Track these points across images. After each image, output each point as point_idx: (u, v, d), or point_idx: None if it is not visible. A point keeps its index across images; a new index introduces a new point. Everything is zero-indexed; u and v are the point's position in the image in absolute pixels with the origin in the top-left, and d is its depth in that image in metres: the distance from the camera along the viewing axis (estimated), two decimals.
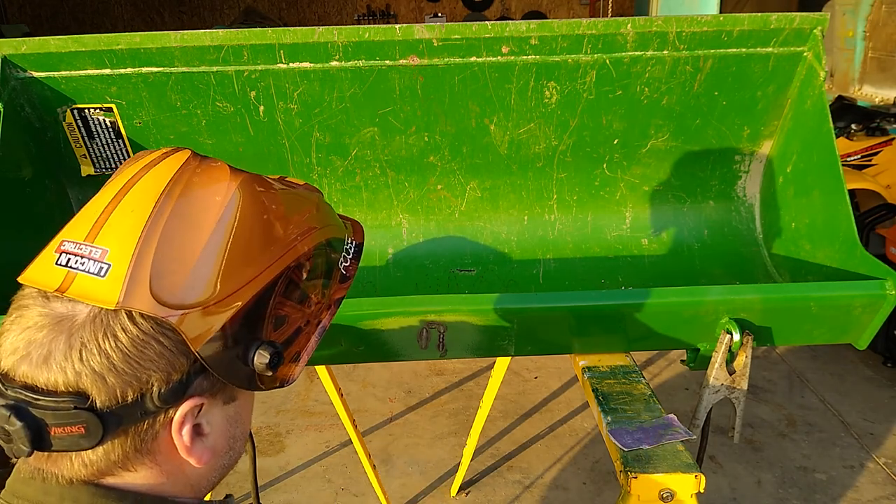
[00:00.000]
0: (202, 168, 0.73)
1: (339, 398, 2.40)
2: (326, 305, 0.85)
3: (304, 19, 10.83)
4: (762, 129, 1.66)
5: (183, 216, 0.68)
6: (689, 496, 1.06)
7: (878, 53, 4.99)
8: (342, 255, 0.88)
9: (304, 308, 0.79)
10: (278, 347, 0.73)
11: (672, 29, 1.45)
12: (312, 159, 1.67)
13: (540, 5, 10.85)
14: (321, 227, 0.83)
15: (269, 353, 0.71)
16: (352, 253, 0.90)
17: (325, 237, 0.83)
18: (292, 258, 0.76)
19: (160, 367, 0.64)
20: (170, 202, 0.68)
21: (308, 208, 0.83)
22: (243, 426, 0.80)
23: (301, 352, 0.81)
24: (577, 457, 2.96)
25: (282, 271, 0.74)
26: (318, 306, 0.83)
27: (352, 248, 0.91)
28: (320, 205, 0.87)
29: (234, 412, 0.76)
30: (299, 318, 0.78)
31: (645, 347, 1.36)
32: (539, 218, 1.79)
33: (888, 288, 1.24)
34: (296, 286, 0.77)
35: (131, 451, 0.66)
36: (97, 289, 0.63)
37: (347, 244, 0.90)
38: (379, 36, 1.43)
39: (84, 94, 1.49)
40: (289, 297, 0.76)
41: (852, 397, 3.31)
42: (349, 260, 0.89)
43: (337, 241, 0.87)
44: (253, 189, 0.74)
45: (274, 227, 0.75)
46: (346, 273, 0.88)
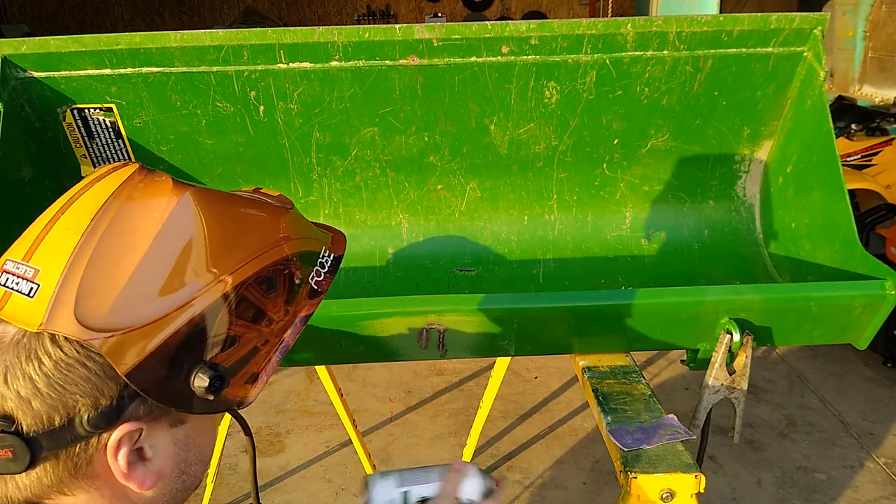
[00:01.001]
0: (144, 183, 0.69)
1: (339, 398, 2.40)
2: (290, 323, 0.80)
3: (304, 19, 10.83)
4: (762, 129, 1.66)
5: (117, 234, 0.65)
6: (689, 496, 1.06)
7: (878, 53, 4.99)
8: (314, 270, 0.83)
9: (261, 327, 0.75)
10: (221, 370, 0.69)
11: (672, 29, 1.45)
12: (312, 159, 1.67)
13: (540, 5, 10.85)
14: (287, 241, 0.78)
15: (208, 377, 0.68)
16: (327, 266, 0.85)
17: (293, 251, 0.79)
18: (245, 275, 0.72)
19: (86, 392, 0.62)
20: (105, 219, 0.65)
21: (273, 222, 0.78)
22: (199, 449, 0.77)
23: (259, 372, 0.77)
24: (577, 457, 2.96)
25: (231, 290, 0.70)
26: (280, 324, 0.78)
27: (328, 261, 0.86)
28: (291, 217, 0.82)
29: (183, 435, 0.73)
30: (254, 337, 0.75)
31: (645, 347, 1.36)
32: (539, 218, 1.79)
33: (888, 288, 1.24)
34: (250, 305, 0.73)
35: (65, 476, 0.65)
36: (25, 310, 0.62)
37: (322, 257, 0.85)
38: (379, 36, 1.43)
39: (84, 94, 1.49)
40: (240, 316, 0.72)
41: (852, 397, 3.31)
42: (323, 274, 0.85)
43: (308, 255, 0.83)
44: (198, 204, 0.70)
45: (222, 243, 0.71)
46: (316, 288, 0.84)
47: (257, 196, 0.83)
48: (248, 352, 0.74)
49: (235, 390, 0.74)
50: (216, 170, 1.65)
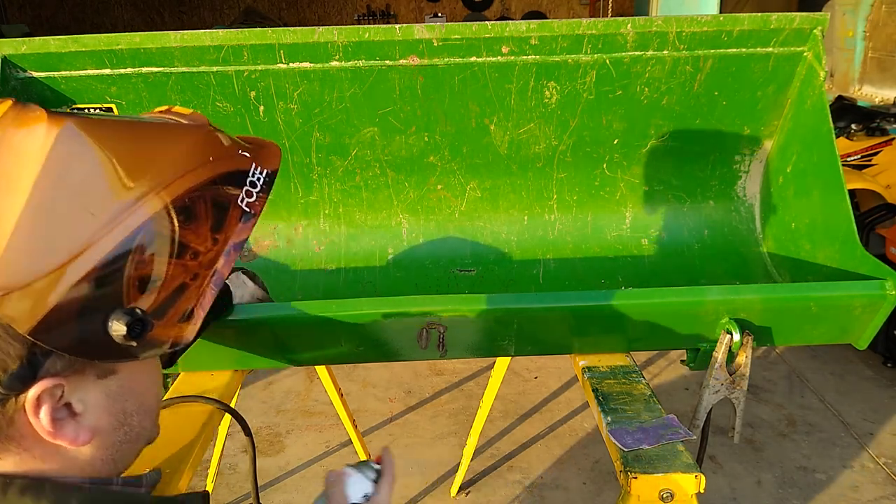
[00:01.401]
0: (16, 121, 0.61)
1: (339, 398, 2.40)
2: (221, 251, 0.73)
3: (304, 19, 10.83)
4: (762, 129, 1.66)
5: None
6: (689, 496, 1.06)
7: (878, 53, 4.99)
8: (244, 190, 0.75)
9: (185, 261, 0.69)
10: (139, 315, 0.64)
11: (672, 29, 1.45)
12: (312, 159, 1.67)
13: (540, 5, 10.85)
14: (205, 163, 0.71)
15: (125, 323, 0.63)
16: (259, 185, 0.77)
17: (211, 174, 0.71)
18: (154, 209, 0.65)
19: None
20: None
21: (186, 144, 0.71)
22: (138, 398, 0.72)
23: (194, 307, 0.71)
24: (577, 457, 2.96)
25: (139, 227, 0.63)
26: (209, 255, 0.72)
27: (259, 179, 0.77)
28: (207, 137, 0.74)
29: (117, 386, 0.69)
30: (179, 273, 0.68)
31: (645, 347, 1.36)
32: (539, 218, 1.79)
33: (888, 288, 1.24)
34: (167, 239, 0.66)
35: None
36: None
37: (253, 175, 0.77)
38: (379, 36, 1.43)
39: (84, 94, 1.49)
40: (157, 252, 0.66)
41: (852, 397, 3.30)
42: (255, 194, 0.76)
43: (234, 175, 0.75)
44: (84, 133, 0.63)
45: (118, 177, 0.63)
46: (248, 210, 0.76)
47: (166, 117, 0.75)
48: (174, 289, 0.69)
49: (166, 331, 0.69)
50: None
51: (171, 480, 1.08)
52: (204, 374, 1.38)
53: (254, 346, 1.28)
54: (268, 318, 1.19)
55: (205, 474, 2.66)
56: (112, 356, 0.66)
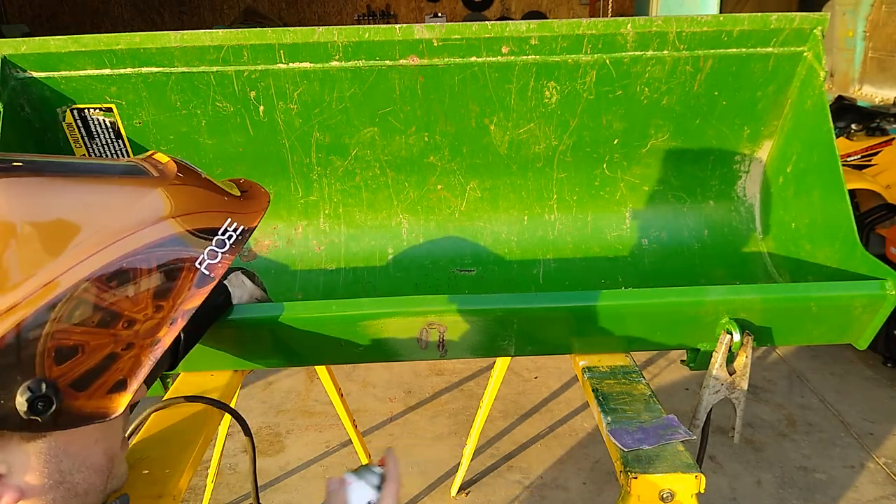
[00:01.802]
0: None
1: (339, 398, 2.40)
2: (167, 319, 0.66)
3: (304, 19, 10.83)
4: (762, 129, 1.66)
5: None
6: (689, 496, 1.06)
7: (878, 53, 4.99)
8: (206, 251, 0.68)
9: (116, 330, 0.63)
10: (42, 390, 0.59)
11: (672, 29, 1.45)
12: (312, 159, 1.67)
13: (540, 5, 10.86)
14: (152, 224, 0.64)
15: (27, 400, 0.58)
16: (228, 244, 0.69)
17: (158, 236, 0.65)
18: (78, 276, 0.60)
19: None
20: None
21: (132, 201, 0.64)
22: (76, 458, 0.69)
23: (126, 378, 0.66)
24: (577, 457, 2.96)
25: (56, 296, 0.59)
26: (150, 323, 0.65)
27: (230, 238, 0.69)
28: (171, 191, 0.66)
29: (46, 447, 0.66)
30: (108, 342, 0.63)
31: (645, 347, 1.36)
32: (539, 218, 1.79)
33: (888, 288, 1.24)
34: (93, 307, 0.61)
35: None
36: None
37: (224, 234, 0.69)
38: (379, 36, 1.43)
39: (84, 94, 1.49)
40: (80, 323, 0.61)
41: (852, 397, 3.31)
42: (220, 254, 0.68)
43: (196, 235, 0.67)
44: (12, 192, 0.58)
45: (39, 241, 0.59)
46: (208, 273, 0.68)
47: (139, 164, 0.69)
48: (101, 360, 0.63)
49: (92, 403, 0.64)
50: (216, 170, 1.65)
51: (171, 480, 1.08)
52: (204, 374, 1.38)
53: (253, 346, 1.28)
54: (268, 318, 1.19)
55: (205, 474, 2.66)
56: (21, 428, 0.61)
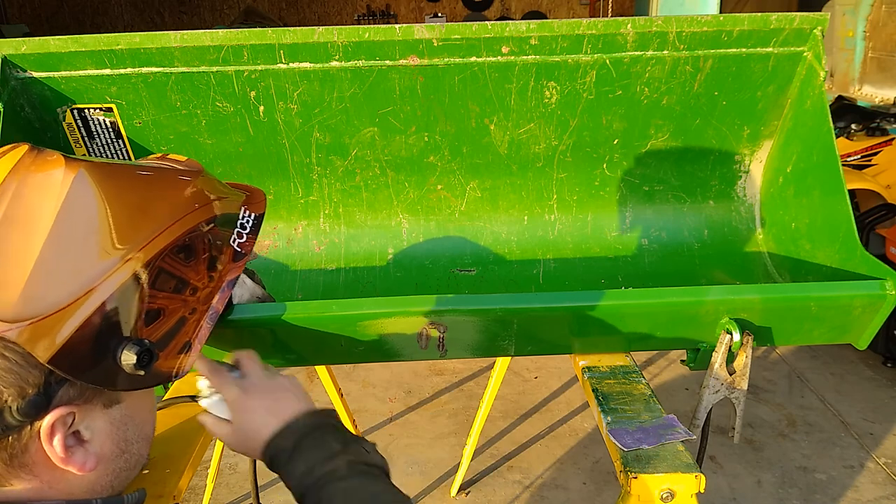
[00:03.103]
0: (37, 164, 0.67)
1: (339, 398, 2.40)
2: (217, 288, 0.80)
3: (304, 19, 10.83)
4: (762, 129, 1.66)
5: (15, 221, 0.64)
6: (689, 496, 1.06)
7: (878, 53, 4.99)
8: (235, 232, 0.83)
9: (185, 297, 0.75)
10: (147, 345, 0.69)
11: (672, 29, 1.45)
12: (312, 159, 1.67)
13: (540, 5, 10.86)
14: (201, 207, 0.77)
15: (135, 353, 0.67)
16: (248, 227, 0.85)
17: (208, 215, 0.78)
18: (160, 246, 0.70)
19: (10, 383, 0.62)
20: (1, 206, 0.64)
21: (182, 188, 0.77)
22: (139, 427, 0.77)
23: (191, 341, 0.77)
24: (577, 457, 2.96)
25: (147, 262, 0.69)
26: (206, 291, 0.78)
27: (248, 221, 0.85)
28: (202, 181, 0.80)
29: (121, 415, 0.73)
30: (180, 307, 0.74)
31: (645, 347, 1.36)
32: (539, 218, 1.79)
33: (888, 288, 1.24)
34: (170, 275, 0.72)
35: (1, 467, 0.65)
36: None
37: (242, 219, 0.84)
38: (379, 36, 1.43)
39: (84, 94, 1.49)
40: (161, 288, 0.71)
41: (852, 397, 3.31)
42: (245, 235, 0.84)
43: (226, 218, 0.81)
44: (97, 178, 0.68)
45: (129, 216, 0.69)
46: (240, 250, 0.83)
47: (163, 163, 0.81)
48: (175, 323, 0.74)
49: (168, 362, 0.75)
50: (216, 169, 1.65)
51: (171, 480, 1.08)
52: None
53: (254, 346, 1.27)
54: (268, 318, 1.19)
55: (205, 474, 2.66)
56: (120, 385, 0.70)
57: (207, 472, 2.57)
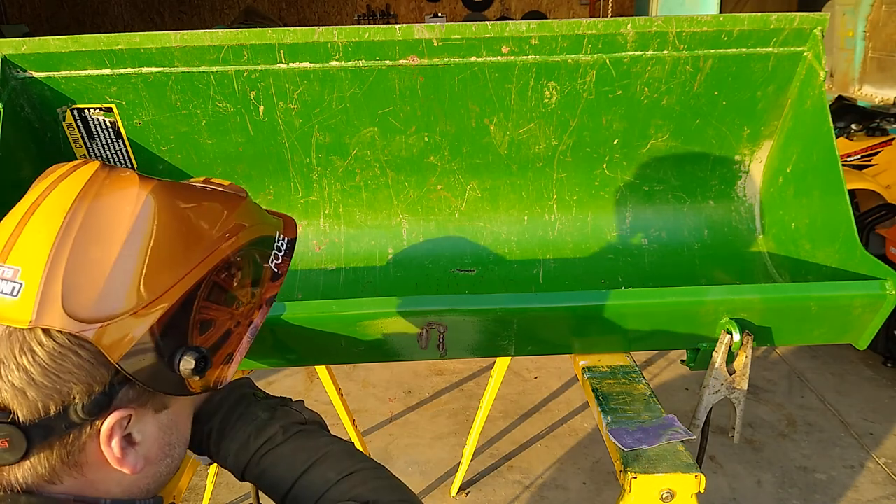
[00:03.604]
0: (111, 179, 0.73)
1: (339, 398, 2.40)
2: (258, 305, 0.85)
3: (304, 19, 10.83)
4: (762, 129, 1.66)
5: (93, 229, 0.68)
6: (689, 496, 1.06)
7: (878, 53, 4.99)
8: (272, 253, 0.88)
9: (233, 310, 0.80)
10: (204, 352, 0.73)
11: (672, 29, 1.45)
12: (312, 159, 1.67)
13: (540, 5, 10.86)
14: (247, 228, 0.82)
15: (194, 358, 0.71)
16: (283, 250, 0.90)
17: (252, 236, 0.83)
18: (214, 262, 0.76)
19: (80, 380, 0.65)
20: (78, 216, 0.68)
21: (232, 209, 0.82)
22: (180, 433, 0.81)
23: (233, 353, 0.82)
24: (577, 457, 2.96)
25: (203, 276, 0.74)
26: (249, 307, 0.83)
27: (283, 245, 0.90)
28: (247, 205, 0.86)
29: (167, 420, 0.77)
30: (227, 320, 0.79)
31: (645, 347, 1.36)
32: (539, 218, 1.79)
33: (888, 288, 1.24)
34: (221, 289, 0.77)
35: (58, 464, 0.67)
36: (11, 309, 0.64)
37: (279, 242, 0.90)
38: (379, 36, 1.43)
39: (84, 94, 1.49)
40: (214, 300, 0.76)
41: (852, 397, 3.31)
42: (280, 257, 0.89)
43: (266, 240, 0.87)
44: (166, 196, 0.74)
45: (191, 232, 0.75)
46: (277, 271, 0.88)
47: (213, 186, 0.85)
48: (223, 334, 0.78)
49: (214, 371, 0.78)
50: (216, 170, 1.65)
51: (171, 480, 1.08)
52: None
53: (254, 346, 1.27)
54: (268, 318, 1.19)
55: (205, 474, 2.66)
56: (175, 390, 0.73)
57: (207, 472, 2.57)
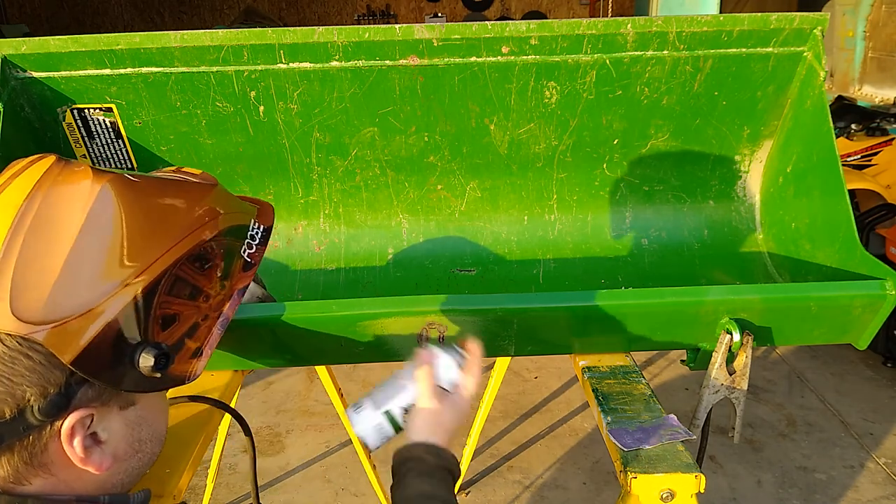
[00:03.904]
0: (64, 174, 0.70)
1: (339, 398, 2.40)
2: (228, 296, 0.83)
3: (304, 19, 10.83)
4: (762, 129, 1.66)
5: (43, 227, 0.66)
6: (689, 496, 1.06)
7: (878, 53, 4.99)
8: (245, 243, 0.86)
9: (198, 303, 0.78)
10: (164, 349, 0.72)
11: (672, 29, 1.45)
12: (312, 159, 1.67)
13: (540, 5, 10.85)
14: (217, 218, 0.80)
15: (153, 356, 0.70)
16: (258, 238, 0.88)
17: (222, 227, 0.81)
18: (177, 255, 0.73)
19: (34, 382, 0.64)
20: (29, 214, 0.66)
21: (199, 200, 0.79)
22: (152, 427, 0.79)
23: (202, 346, 0.80)
24: (577, 457, 2.96)
25: (164, 271, 0.72)
26: (218, 298, 0.81)
27: (258, 233, 0.88)
28: (216, 194, 0.83)
29: (135, 417, 0.76)
30: (193, 314, 0.77)
31: (645, 347, 1.36)
32: (539, 218, 1.79)
33: (888, 288, 1.24)
34: (185, 283, 0.75)
35: (21, 466, 0.67)
36: None
37: (252, 230, 0.88)
38: (379, 36, 1.43)
39: (84, 94, 1.49)
40: (177, 295, 0.74)
41: (852, 397, 3.31)
42: (255, 246, 0.87)
43: (238, 229, 0.85)
44: (123, 189, 0.71)
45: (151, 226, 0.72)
46: (249, 260, 0.86)
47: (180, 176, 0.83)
48: (189, 328, 0.77)
49: (181, 366, 0.77)
50: (216, 170, 1.65)
51: (171, 480, 1.08)
52: (204, 374, 1.37)
53: (253, 346, 1.28)
54: (268, 318, 1.19)
55: (205, 474, 2.66)
56: (137, 387, 0.72)
57: (207, 472, 2.57)
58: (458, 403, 0.95)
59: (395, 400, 0.95)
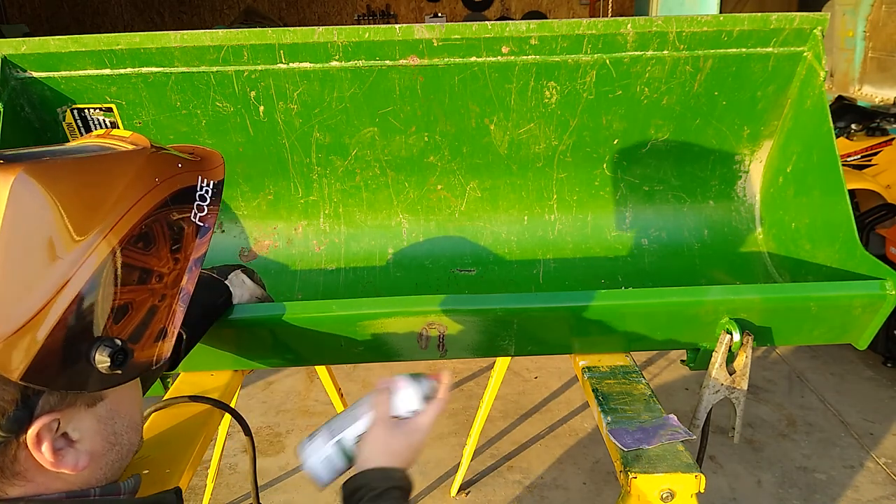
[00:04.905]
0: None
1: (339, 398, 2.40)
2: (184, 269, 0.76)
3: (304, 19, 10.83)
4: (762, 129, 1.66)
5: None
6: (689, 496, 1.06)
7: (878, 53, 4.99)
8: (194, 206, 0.77)
9: (151, 286, 0.72)
10: (119, 344, 0.67)
11: (672, 29, 1.45)
12: (312, 159, 1.67)
13: (540, 5, 10.85)
14: (152, 189, 0.72)
15: (108, 354, 0.66)
16: (208, 198, 0.79)
17: (164, 195, 0.73)
18: (113, 242, 0.67)
19: None
20: None
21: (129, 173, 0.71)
22: (125, 418, 0.76)
23: (166, 327, 0.74)
24: (577, 457, 2.96)
25: (103, 261, 0.66)
26: (173, 275, 0.74)
27: (208, 191, 0.79)
28: (150, 159, 0.74)
29: (105, 411, 0.73)
30: (148, 297, 0.71)
31: (645, 347, 1.36)
32: (539, 218, 1.79)
33: (888, 288, 1.24)
34: (131, 268, 0.69)
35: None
36: None
37: (201, 190, 0.78)
38: (379, 36, 1.43)
39: (84, 94, 1.49)
40: (125, 282, 0.68)
41: (852, 397, 3.30)
42: (205, 208, 0.78)
43: (182, 193, 0.76)
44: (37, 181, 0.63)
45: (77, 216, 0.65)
46: (202, 224, 0.78)
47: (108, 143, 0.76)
48: (146, 313, 0.71)
49: (145, 353, 0.73)
50: None
51: (171, 480, 1.08)
52: (204, 374, 1.38)
53: (254, 346, 1.28)
54: (268, 318, 1.19)
55: (205, 474, 2.66)
56: (100, 385, 0.69)
57: (207, 472, 2.57)
58: (412, 429, 0.91)
59: (350, 430, 0.92)
